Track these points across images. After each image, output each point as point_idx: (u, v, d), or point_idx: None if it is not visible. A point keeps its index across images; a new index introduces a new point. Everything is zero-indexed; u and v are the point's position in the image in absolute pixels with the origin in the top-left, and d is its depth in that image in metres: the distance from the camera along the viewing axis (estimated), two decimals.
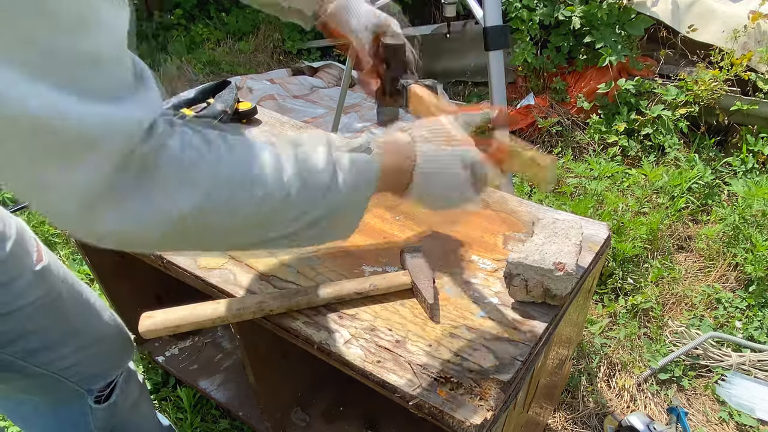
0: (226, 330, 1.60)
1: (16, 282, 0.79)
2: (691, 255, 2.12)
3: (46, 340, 0.87)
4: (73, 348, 0.92)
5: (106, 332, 1.01)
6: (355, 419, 1.33)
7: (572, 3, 2.71)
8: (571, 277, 0.87)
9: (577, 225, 0.97)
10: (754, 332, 1.76)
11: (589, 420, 1.56)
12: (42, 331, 0.86)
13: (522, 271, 0.88)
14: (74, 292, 0.93)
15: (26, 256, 0.82)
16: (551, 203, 2.26)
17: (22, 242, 0.82)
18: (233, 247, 0.69)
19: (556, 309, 0.92)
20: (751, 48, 2.41)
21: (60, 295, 0.88)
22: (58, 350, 0.89)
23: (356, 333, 0.87)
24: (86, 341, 0.94)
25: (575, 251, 0.90)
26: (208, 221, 0.52)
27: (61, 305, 0.89)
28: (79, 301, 0.94)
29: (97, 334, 0.98)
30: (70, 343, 0.91)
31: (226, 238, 0.56)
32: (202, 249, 0.62)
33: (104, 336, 1.00)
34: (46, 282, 0.85)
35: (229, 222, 0.53)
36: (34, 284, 0.82)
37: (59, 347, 0.89)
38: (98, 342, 0.98)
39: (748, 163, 2.37)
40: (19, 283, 0.80)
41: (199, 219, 0.51)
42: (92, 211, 0.46)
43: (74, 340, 0.92)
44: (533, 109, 2.81)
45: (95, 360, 0.98)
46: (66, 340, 0.90)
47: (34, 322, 0.84)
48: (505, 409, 0.79)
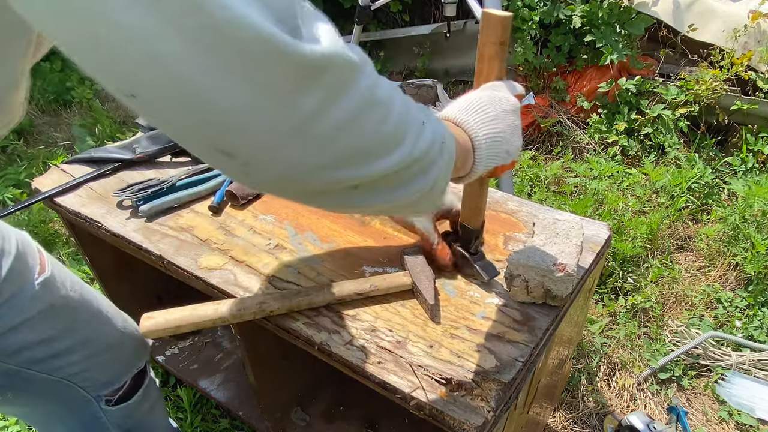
0: (226, 330, 1.60)
1: (16, 297, 0.79)
2: (691, 254, 2.12)
3: (51, 349, 0.86)
4: (83, 356, 0.91)
5: (118, 339, 1.00)
6: (355, 419, 1.33)
7: (573, 2, 2.71)
8: (572, 278, 0.87)
9: (578, 225, 0.97)
10: (754, 332, 1.77)
11: (589, 419, 1.57)
12: (47, 342, 0.85)
13: (523, 271, 0.89)
14: (83, 300, 0.92)
15: (27, 270, 0.82)
16: (551, 203, 2.26)
17: (23, 256, 0.82)
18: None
19: (556, 309, 0.92)
20: (752, 47, 2.41)
21: (66, 305, 0.88)
22: (66, 358, 0.89)
23: (357, 334, 0.87)
24: (96, 349, 0.94)
25: (576, 252, 0.90)
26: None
27: (67, 315, 0.88)
28: (88, 309, 0.93)
29: (109, 341, 0.97)
30: (79, 351, 0.90)
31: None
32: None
33: (116, 343, 0.99)
34: (50, 294, 0.85)
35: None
36: (35, 298, 0.82)
37: (67, 355, 0.89)
38: (109, 349, 0.97)
39: (748, 163, 2.37)
40: (20, 298, 0.80)
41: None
42: (299, 137, 0.43)
43: (84, 348, 0.91)
44: (533, 109, 2.81)
45: (106, 366, 0.97)
46: (74, 349, 0.90)
47: (37, 333, 0.83)
48: (506, 409, 0.79)
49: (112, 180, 1.26)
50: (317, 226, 1.12)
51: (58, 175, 1.27)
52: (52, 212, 2.27)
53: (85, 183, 1.24)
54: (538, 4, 2.76)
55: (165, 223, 1.14)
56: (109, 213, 1.16)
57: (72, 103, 3.47)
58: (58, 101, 3.48)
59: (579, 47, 2.76)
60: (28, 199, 1.19)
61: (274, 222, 1.14)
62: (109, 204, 1.18)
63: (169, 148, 1.33)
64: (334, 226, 1.12)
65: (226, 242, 1.08)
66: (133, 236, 1.10)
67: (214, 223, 1.13)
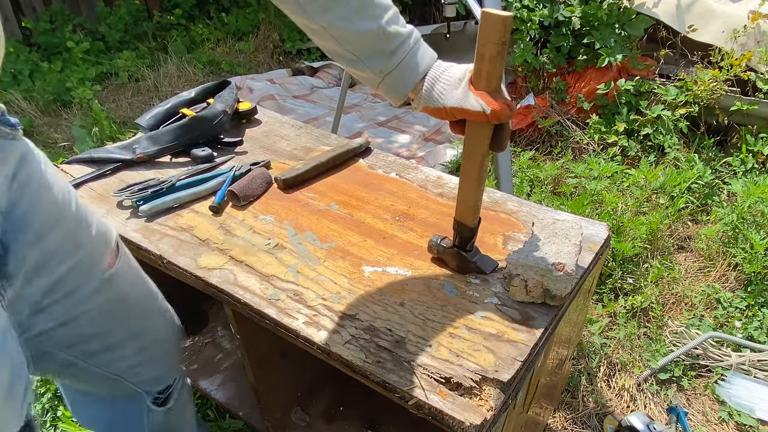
0: (226, 330, 1.60)
1: (80, 290, 0.79)
2: (691, 255, 2.12)
3: (106, 342, 0.86)
4: (134, 350, 0.91)
5: (166, 333, 1.00)
6: (355, 419, 1.33)
7: (572, 3, 2.71)
8: (571, 278, 0.87)
9: (577, 225, 0.97)
10: (754, 332, 1.77)
11: (589, 420, 1.57)
12: (103, 335, 0.85)
13: (522, 271, 0.89)
14: (141, 294, 0.93)
15: (95, 263, 0.82)
16: (550, 203, 2.27)
17: (95, 249, 0.82)
18: None
19: (555, 309, 0.92)
20: (751, 48, 2.41)
21: (125, 299, 0.88)
22: (118, 351, 0.89)
23: (356, 333, 0.87)
24: (147, 343, 0.94)
25: (575, 251, 0.90)
26: None
27: (125, 309, 0.88)
28: (143, 303, 0.94)
29: (157, 335, 0.97)
30: (131, 346, 0.91)
31: None
32: None
33: (164, 337, 0.99)
34: (113, 288, 0.85)
35: None
36: (99, 291, 0.82)
37: (120, 349, 0.89)
38: (157, 343, 0.97)
39: (748, 163, 2.37)
40: (83, 291, 0.80)
41: None
42: None
43: (135, 343, 0.91)
44: (533, 110, 2.81)
45: (156, 361, 0.97)
46: (126, 343, 0.90)
47: (95, 326, 0.83)
48: (505, 409, 0.79)
49: (112, 180, 1.26)
50: (317, 226, 1.12)
51: None
52: None
53: (85, 183, 1.24)
54: (538, 5, 2.76)
55: (165, 222, 1.14)
56: (109, 213, 1.16)
57: (72, 104, 3.48)
58: (58, 102, 3.48)
59: (578, 48, 2.76)
60: None
61: (273, 222, 1.14)
62: (109, 204, 1.19)
63: (169, 148, 1.33)
64: (333, 226, 1.12)
65: (226, 242, 1.08)
66: (133, 236, 1.10)
67: (214, 223, 1.14)
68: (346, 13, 0.78)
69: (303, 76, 3.82)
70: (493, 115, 0.77)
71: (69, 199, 0.78)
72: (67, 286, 0.77)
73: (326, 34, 0.80)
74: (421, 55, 0.84)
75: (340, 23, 0.78)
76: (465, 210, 0.93)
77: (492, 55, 0.75)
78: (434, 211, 1.17)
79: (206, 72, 3.94)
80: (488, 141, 0.83)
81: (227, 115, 1.40)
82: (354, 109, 3.34)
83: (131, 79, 3.84)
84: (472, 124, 0.83)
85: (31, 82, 3.69)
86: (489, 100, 0.77)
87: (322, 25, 0.78)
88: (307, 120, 3.15)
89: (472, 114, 0.79)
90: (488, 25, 0.73)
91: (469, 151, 0.86)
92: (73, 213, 0.79)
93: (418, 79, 0.84)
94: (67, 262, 0.77)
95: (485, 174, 0.89)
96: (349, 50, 0.81)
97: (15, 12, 4.00)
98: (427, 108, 0.85)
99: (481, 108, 0.78)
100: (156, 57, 4.05)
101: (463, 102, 0.79)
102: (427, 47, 0.86)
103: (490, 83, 0.78)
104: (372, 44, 0.81)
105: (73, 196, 0.80)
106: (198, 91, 1.47)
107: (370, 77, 0.85)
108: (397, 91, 0.85)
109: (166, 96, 3.45)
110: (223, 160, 1.34)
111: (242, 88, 3.48)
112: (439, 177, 1.29)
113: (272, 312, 0.92)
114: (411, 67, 0.83)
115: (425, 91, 0.83)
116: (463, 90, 0.79)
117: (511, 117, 0.80)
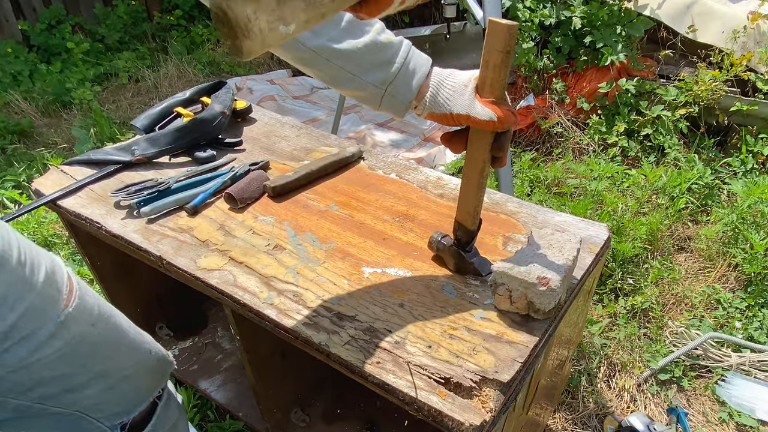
0: (226, 330, 1.60)
1: (34, 335, 0.74)
2: (691, 255, 2.12)
3: (66, 385, 0.81)
4: (99, 389, 0.86)
5: (137, 369, 0.94)
6: (354, 420, 1.33)
7: (573, 3, 2.71)
8: (555, 294, 0.84)
9: (575, 240, 0.93)
10: (754, 332, 1.77)
11: (589, 420, 1.56)
12: (63, 378, 0.80)
13: (507, 281, 0.86)
14: (105, 333, 0.86)
15: (50, 306, 0.76)
16: (551, 204, 2.26)
17: (48, 289, 0.76)
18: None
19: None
20: (751, 48, 2.41)
21: (86, 339, 0.82)
22: (81, 392, 0.84)
23: (355, 334, 0.87)
24: (113, 381, 0.88)
25: (565, 267, 0.87)
26: None
27: (87, 350, 0.83)
28: (110, 341, 0.88)
29: (126, 372, 0.91)
30: (95, 386, 0.85)
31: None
32: None
33: (134, 373, 0.93)
34: (71, 329, 0.79)
35: None
36: (56, 335, 0.77)
37: (82, 389, 0.84)
38: (127, 380, 0.92)
39: (748, 164, 2.37)
40: (38, 336, 0.74)
41: None
42: None
43: (100, 382, 0.86)
44: (533, 110, 2.81)
45: (122, 397, 0.92)
46: (90, 384, 0.85)
47: (53, 370, 0.78)
48: (505, 410, 0.79)
49: (112, 181, 1.26)
50: (316, 227, 1.12)
51: (57, 176, 1.27)
52: (52, 213, 2.28)
53: (87, 185, 1.24)
54: (538, 5, 2.76)
55: (164, 223, 1.14)
56: (108, 214, 1.16)
57: (71, 105, 3.48)
58: (58, 103, 3.48)
59: (579, 48, 2.76)
60: (33, 203, 1.19)
61: (273, 223, 1.14)
62: (108, 205, 1.19)
63: (168, 150, 1.33)
64: (333, 227, 1.12)
65: (226, 243, 1.08)
66: (132, 237, 1.10)
67: (214, 224, 1.13)
68: (337, 33, 0.79)
69: (303, 77, 3.82)
70: (499, 122, 0.78)
71: (10, 242, 0.73)
72: (23, 331, 0.72)
73: (320, 59, 0.80)
74: (417, 59, 0.85)
75: (333, 44, 0.79)
76: (465, 214, 0.94)
77: (497, 63, 0.76)
78: (434, 212, 1.16)
79: (206, 73, 3.94)
80: (489, 147, 0.84)
81: (226, 116, 1.40)
82: (354, 110, 3.34)
83: (131, 79, 3.84)
84: (474, 131, 0.84)
85: (31, 82, 3.70)
86: (495, 108, 0.78)
87: (314, 50, 0.79)
88: (307, 120, 3.15)
89: (478, 122, 0.79)
90: (494, 33, 0.74)
91: (470, 157, 0.87)
92: (17, 256, 0.73)
93: (420, 82, 0.84)
94: (18, 308, 0.71)
95: (486, 179, 0.89)
96: (345, 69, 0.81)
97: (15, 13, 4.00)
98: (432, 114, 0.85)
99: (489, 117, 0.78)
100: (156, 58, 4.05)
101: (469, 109, 0.79)
102: (418, 51, 0.87)
103: (494, 91, 0.78)
104: (368, 57, 0.81)
105: (14, 238, 0.74)
106: (192, 91, 1.47)
107: (372, 93, 0.85)
108: (402, 98, 0.85)
109: (166, 97, 3.45)
110: (222, 162, 1.34)
111: (242, 88, 3.48)
112: (439, 178, 1.29)
113: (272, 313, 0.92)
114: (411, 71, 0.84)
115: (430, 96, 0.83)
116: (470, 97, 0.79)
117: (514, 125, 0.81)
